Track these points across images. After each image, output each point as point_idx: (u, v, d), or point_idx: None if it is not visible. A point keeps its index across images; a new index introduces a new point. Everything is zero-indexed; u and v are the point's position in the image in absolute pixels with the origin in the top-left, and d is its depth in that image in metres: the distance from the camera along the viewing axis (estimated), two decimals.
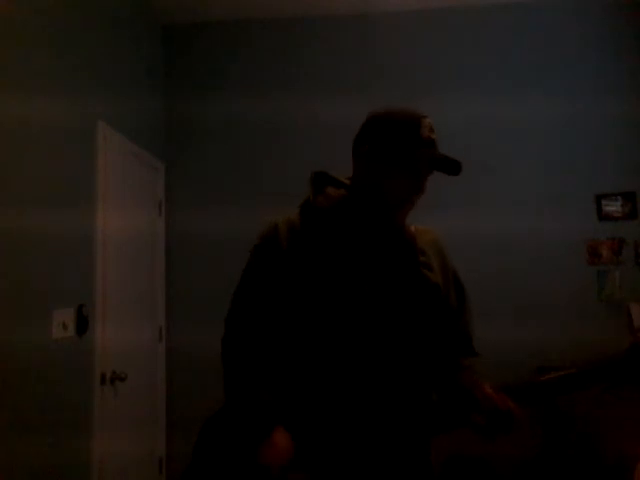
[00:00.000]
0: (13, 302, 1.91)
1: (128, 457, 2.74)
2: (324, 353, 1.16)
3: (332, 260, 1.18)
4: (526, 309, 3.18)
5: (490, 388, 1.10)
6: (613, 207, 3.27)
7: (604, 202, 3.28)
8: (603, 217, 3.28)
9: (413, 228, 1.30)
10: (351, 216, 1.24)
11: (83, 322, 2.35)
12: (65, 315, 2.23)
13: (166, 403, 3.30)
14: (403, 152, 1.17)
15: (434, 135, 1.20)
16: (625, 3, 3.40)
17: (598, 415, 2.47)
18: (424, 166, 1.19)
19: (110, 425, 2.52)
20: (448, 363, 1.27)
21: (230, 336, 1.27)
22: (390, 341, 1.17)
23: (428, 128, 1.19)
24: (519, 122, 3.34)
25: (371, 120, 1.26)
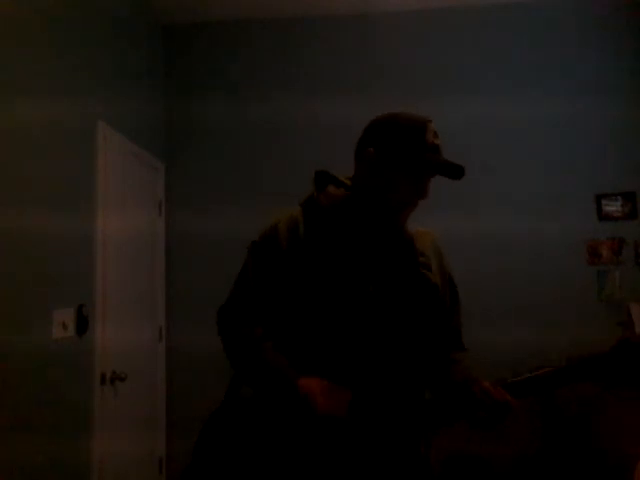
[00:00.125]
0: (13, 302, 1.91)
1: (128, 457, 2.74)
2: (322, 351, 1.17)
3: (332, 259, 1.19)
4: (526, 309, 3.19)
5: (487, 383, 1.15)
6: (613, 207, 3.27)
7: (604, 202, 3.28)
8: (603, 217, 3.28)
9: (413, 230, 1.32)
10: (353, 216, 1.25)
11: (83, 322, 2.35)
12: (65, 315, 2.23)
13: (166, 403, 3.30)
14: (408, 157, 1.19)
15: (438, 140, 1.22)
16: (625, 3, 3.40)
17: (598, 415, 2.47)
18: (428, 171, 1.21)
19: (110, 425, 2.52)
20: (440, 358, 1.31)
21: (227, 325, 1.30)
22: (388, 339, 1.19)
23: (433, 133, 1.21)
24: (519, 122, 3.34)
25: (376, 123, 1.27)
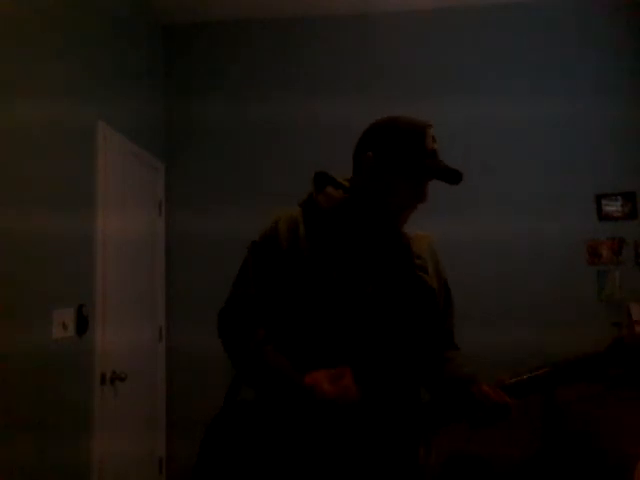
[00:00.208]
0: (13, 302, 1.91)
1: (128, 457, 2.74)
2: (321, 350, 1.17)
3: (332, 260, 1.20)
4: (526, 309, 3.19)
5: (486, 385, 1.18)
6: (613, 207, 3.27)
7: (604, 202, 3.28)
8: (603, 217, 3.28)
9: (410, 233, 1.33)
10: (352, 218, 1.26)
11: (83, 322, 2.35)
12: (65, 315, 2.23)
13: (166, 403, 3.30)
14: (408, 162, 1.20)
15: (437, 145, 1.23)
16: (625, 3, 3.40)
17: (598, 415, 2.47)
18: (427, 176, 1.22)
19: (110, 425, 2.52)
20: (433, 358, 1.33)
21: (227, 326, 1.28)
22: (386, 339, 1.20)
23: (432, 138, 1.22)
24: (519, 122, 3.34)
25: (376, 127, 1.27)
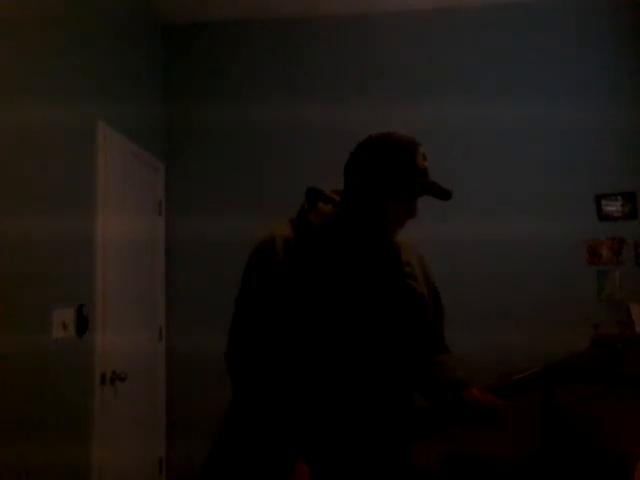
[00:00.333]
0: (13, 302, 1.91)
1: (128, 457, 2.74)
2: (319, 363, 1.21)
3: (325, 275, 1.23)
4: (526, 309, 3.19)
5: (476, 389, 1.24)
6: (613, 207, 3.27)
7: (604, 202, 3.28)
8: (603, 217, 3.28)
9: (398, 241, 1.35)
10: (342, 234, 1.28)
11: (83, 322, 2.35)
12: (65, 315, 2.23)
13: (166, 403, 3.30)
14: (399, 180, 1.21)
15: (427, 163, 1.25)
16: (625, 3, 3.40)
17: (598, 415, 2.47)
18: (417, 194, 1.25)
19: (110, 425, 2.52)
20: (425, 361, 1.36)
21: (235, 351, 1.28)
22: (379, 348, 1.23)
23: (422, 156, 1.23)
24: (519, 122, 3.34)
25: (366, 145, 1.28)
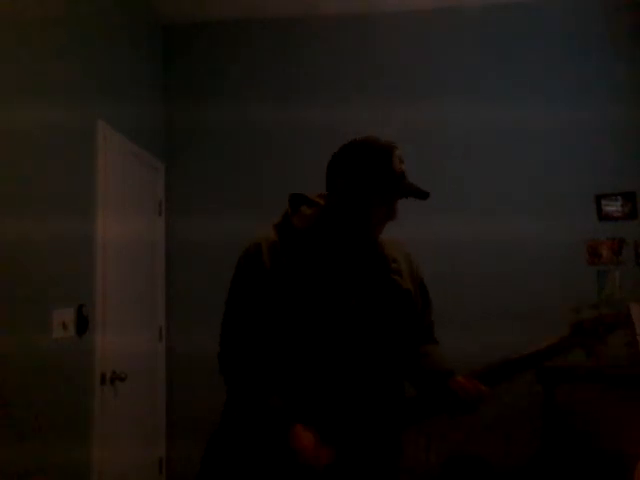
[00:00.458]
0: (13, 302, 1.91)
1: (128, 457, 2.74)
2: (309, 361, 1.25)
3: (311, 276, 1.27)
4: (526, 309, 3.18)
5: (462, 377, 1.27)
6: (613, 207, 3.27)
7: (604, 202, 3.28)
8: (603, 217, 3.27)
9: (383, 240, 1.38)
10: (325, 236, 1.32)
11: (83, 322, 2.35)
12: (65, 315, 2.23)
13: (166, 403, 3.30)
14: (376, 184, 1.25)
15: (404, 166, 1.28)
16: (625, 3, 3.40)
17: (598, 415, 2.48)
18: (396, 196, 1.29)
19: (110, 425, 2.52)
20: (414, 352, 1.41)
21: (226, 353, 1.33)
22: (367, 344, 1.27)
23: (399, 160, 1.27)
24: (519, 122, 3.33)
25: (344, 151, 1.32)
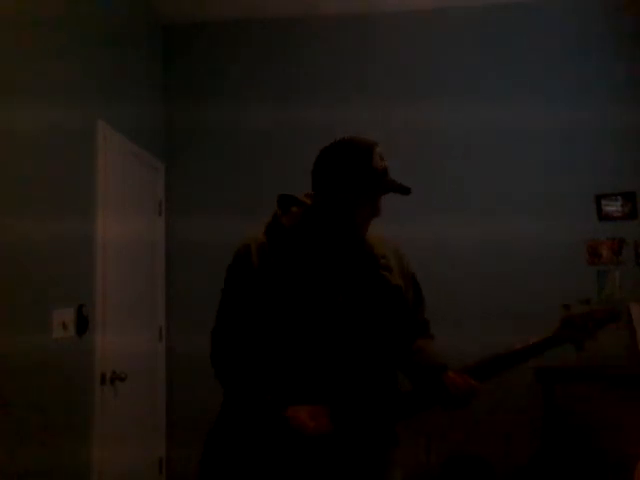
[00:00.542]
0: (13, 302, 1.91)
1: (128, 457, 2.74)
2: (299, 357, 1.27)
3: (298, 274, 1.29)
4: (526, 309, 3.18)
5: (452, 372, 1.30)
6: (613, 207, 3.27)
7: (604, 202, 3.28)
8: (603, 217, 3.27)
9: (372, 237, 1.41)
10: (312, 233, 1.35)
11: (83, 322, 2.35)
12: (65, 315, 2.23)
13: (166, 403, 3.30)
14: (358, 184, 1.28)
15: (385, 162, 1.31)
16: (625, 3, 3.40)
17: (598, 415, 2.48)
18: (380, 193, 1.32)
19: (110, 425, 2.52)
20: (408, 347, 1.43)
21: (217, 352, 1.36)
22: (355, 339, 1.29)
23: (379, 157, 1.29)
24: (519, 122, 3.33)
25: (326, 153, 1.35)
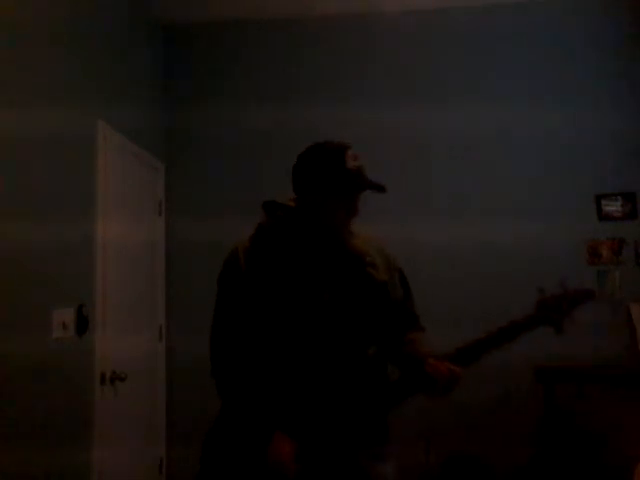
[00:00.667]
0: (13, 302, 1.91)
1: (128, 457, 2.74)
2: (289, 354, 1.32)
3: (284, 273, 1.34)
4: (526, 309, 3.17)
5: (433, 359, 1.31)
6: (613, 207, 3.27)
7: (604, 202, 3.28)
8: (603, 217, 3.27)
9: (357, 235, 1.45)
10: (296, 235, 1.40)
11: (83, 322, 2.35)
12: (65, 315, 2.23)
13: (166, 403, 3.30)
14: (332, 186, 1.33)
15: (359, 162, 1.34)
16: (625, 3, 3.40)
17: (598, 415, 2.48)
18: (354, 192, 1.36)
19: (110, 425, 2.52)
20: (398, 339, 1.46)
21: (216, 354, 1.40)
22: (340, 334, 1.34)
23: (352, 158, 1.33)
24: (519, 122, 3.33)
25: (301, 157, 1.40)
